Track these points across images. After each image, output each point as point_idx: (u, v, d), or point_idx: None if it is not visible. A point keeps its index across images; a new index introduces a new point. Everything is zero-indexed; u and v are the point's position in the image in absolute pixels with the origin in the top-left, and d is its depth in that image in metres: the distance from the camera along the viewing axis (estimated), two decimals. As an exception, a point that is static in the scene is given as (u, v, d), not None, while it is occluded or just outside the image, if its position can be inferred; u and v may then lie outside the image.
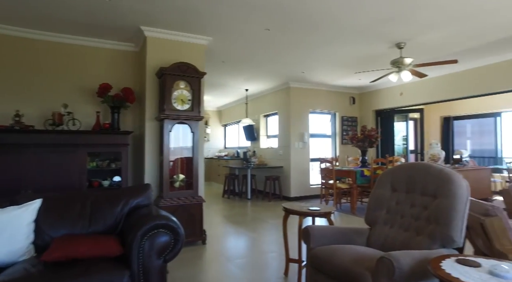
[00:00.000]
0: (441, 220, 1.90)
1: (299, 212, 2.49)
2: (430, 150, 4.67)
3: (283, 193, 7.10)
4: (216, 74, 6.18)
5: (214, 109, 11.30)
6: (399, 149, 7.49)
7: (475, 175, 4.82)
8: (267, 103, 7.98)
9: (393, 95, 6.99)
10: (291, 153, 6.95)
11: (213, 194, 8.22)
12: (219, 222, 5.02)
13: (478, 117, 8.22)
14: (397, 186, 2.32)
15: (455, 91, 5.79)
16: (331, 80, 6.77)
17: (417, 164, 2.26)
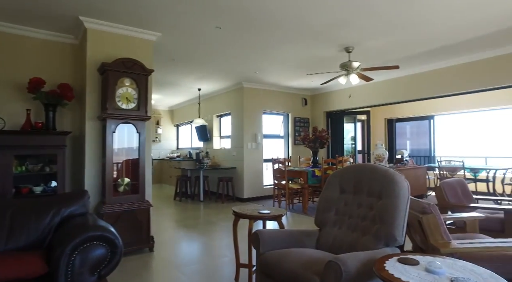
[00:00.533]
0: (385, 220, 1.97)
1: (249, 216, 2.44)
2: (376, 150, 4.92)
3: (237, 194, 7.04)
4: (167, 72, 5.93)
5: (166, 108, 10.89)
6: (348, 149, 7.83)
7: (414, 173, 5.19)
8: (220, 104, 7.87)
9: (342, 97, 7.28)
10: (244, 153, 6.91)
11: (165, 196, 7.90)
12: (169, 227, 4.80)
13: (416, 119, 8.91)
14: (345, 188, 2.37)
15: (397, 95, 6.19)
16: (284, 81, 6.86)
17: (364, 166, 2.33)
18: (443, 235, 2.09)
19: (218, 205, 6.61)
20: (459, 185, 3.69)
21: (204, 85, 7.18)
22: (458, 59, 5.17)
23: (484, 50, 4.77)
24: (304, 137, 6.01)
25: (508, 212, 3.05)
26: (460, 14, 3.49)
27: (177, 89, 7.69)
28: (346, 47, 4.43)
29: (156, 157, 10.49)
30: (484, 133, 7.68)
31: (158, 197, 7.85)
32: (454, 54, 4.97)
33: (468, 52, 4.89)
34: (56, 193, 3.24)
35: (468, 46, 4.57)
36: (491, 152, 7.58)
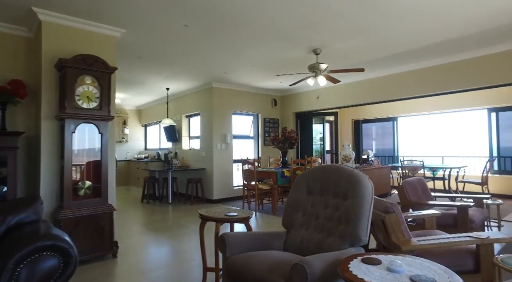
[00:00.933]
0: (350, 220, 2.00)
1: (215, 219, 2.39)
2: (343, 151, 5.04)
3: (206, 195, 6.93)
4: (133, 70, 5.71)
5: (133, 108, 10.51)
6: (317, 149, 7.98)
7: (379, 173, 5.38)
8: (189, 104, 7.72)
9: (311, 98, 7.40)
10: (213, 154, 6.82)
11: (132, 199, 7.62)
12: (135, 231, 4.62)
13: (381, 121, 9.26)
14: (312, 189, 2.39)
15: (363, 97, 6.38)
16: (254, 82, 6.85)
17: (330, 167, 2.35)
18: (404, 233, 2.17)
19: (187, 207, 6.47)
20: (419, 183, 3.86)
21: (172, 84, 7.01)
22: (418, 64, 5.43)
23: (440, 56, 5.05)
24: (274, 138, 6.04)
25: (460, 208, 3.23)
26: (420, 20, 3.65)
27: (145, 89, 7.44)
28: (314, 49, 4.49)
29: (123, 158, 10.10)
30: (442, 134, 8.13)
31: (125, 199, 7.56)
32: (414, 59, 5.21)
33: (427, 58, 5.15)
34: (6, 199, 3.00)
35: (426, 52, 4.81)
36: (448, 152, 8.05)
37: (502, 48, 4.58)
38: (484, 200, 3.70)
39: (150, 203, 6.96)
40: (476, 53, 4.82)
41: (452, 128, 7.96)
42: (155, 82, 6.74)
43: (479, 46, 4.62)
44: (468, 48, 4.70)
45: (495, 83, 4.74)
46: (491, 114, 7.22)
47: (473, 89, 5.08)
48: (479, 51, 4.77)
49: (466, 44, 4.50)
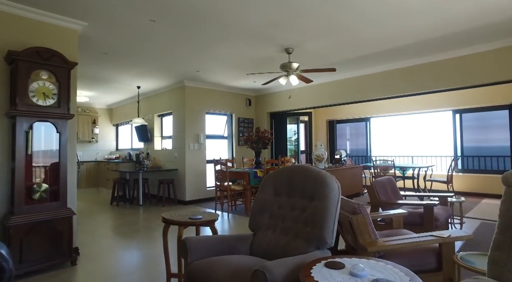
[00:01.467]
0: (315, 222, 1.95)
1: (178, 222, 2.27)
2: (315, 151, 5.05)
3: (178, 196, 6.75)
4: (101, 67, 5.45)
5: (104, 107, 10.11)
6: (292, 149, 7.98)
7: (351, 172, 5.43)
8: (161, 103, 7.50)
9: (285, 98, 7.39)
10: (186, 154, 6.65)
11: (101, 201, 7.29)
12: (101, 235, 4.39)
13: (354, 121, 9.42)
14: (279, 190, 2.32)
15: (336, 97, 6.44)
16: (227, 81, 6.75)
17: (297, 167, 2.30)
18: (371, 234, 2.15)
19: (159, 208, 6.27)
20: (389, 183, 3.91)
21: (143, 83, 6.77)
22: (389, 65, 5.53)
23: (409, 58, 5.16)
24: (247, 138, 5.96)
25: (426, 207, 3.29)
26: (390, 21, 3.69)
27: (115, 87, 7.15)
28: (286, 48, 4.46)
29: (92, 158, 9.70)
30: (411, 135, 8.37)
31: (94, 202, 7.23)
32: (385, 61, 5.30)
33: (397, 60, 5.26)
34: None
35: (396, 53, 4.90)
36: (417, 152, 8.30)
37: (465, 52, 4.74)
38: (448, 198, 3.80)
39: (120, 205, 6.69)
40: (442, 56, 4.97)
41: (420, 129, 8.21)
42: (124, 80, 6.48)
43: (445, 49, 4.76)
44: (435, 51, 4.83)
45: (460, 85, 4.90)
46: (456, 116, 7.51)
47: (439, 91, 5.24)
48: (446, 54, 4.91)
49: (433, 47, 4.62)
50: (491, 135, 7.16)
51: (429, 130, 8.05)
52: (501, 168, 6.98)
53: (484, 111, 7.14)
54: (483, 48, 4.60)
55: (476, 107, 7.16)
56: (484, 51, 4.62)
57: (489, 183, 6.80)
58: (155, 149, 7.75)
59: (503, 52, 4.45)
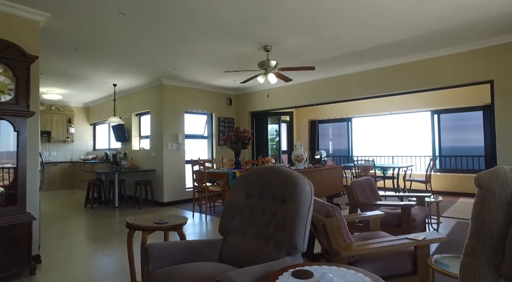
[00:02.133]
0: (286, 227, 1.84)
1: (143, 227, 2.12)
2: (295, 151, 4.96)
3: (156, 198, 6.54)
4: (72, 63, 5.19)
5: (80, 105, 9.75)
6: (273, 149, 7.90)
7: (331, 172, 5.38)
8: (139, 101, 7.26)
9: (266, 98, 7.29)
10: (164, 155, 6.45)
11: (75, 203, 6.98)
12: (70, 241, 4.15)
13: (336, 121, 9.42)
14: (250, 192, 2.20)
15: (317, 97, 6.39)
16: (207, 79, 6.59)
17: (269, 168, 2.19)
18: (345, 237, 2.06)
19: (135, 211, 6.04)
20: (367, 183, 3.86)
21: (119, 80, 6.53)
22: (369, 65, 5.51)
23: (389, 58, 5.16)
24: (226, 138, 5.83)
25: (403, 208, 3.25)
26: (370, 20, 3.64)
27: (90, 84, 6.86)
28: (265, 45, 4.35)
29: (68, 159, 9.32)
30: (391, 135, 8.44)
31: (67, 204, 6.91)
32: (365, 60, 5.28)
33: (377, 59, 5.24)
34: None
35: (377, 53, 4.88)
36: (397, 152, 8.37)
37: (441, 53, 4.77)
38: (426, 198, 3.78)
39: (95, 208, 6.42)
40: (422, 56, 4.98)
41: (400, 129, 8.29)
42: (99, 77, 6.22)
43: (424, 49, 4.77)
44: (415, 51, 4.84)
45: (439, 85, 4.93)
46: (434, 116, 7.60)
47: (417, 91, 5.26)
48: (425, 54, 4.93)
49: (410, 47, 4.62)
50: (467, 135, 7.28)
51: (409, 131, 8.14)
52: (476, 168, 7.11)
53: (461, 112, 7.26)
54: (457, 49, 4.64)
55: (453, 108, 7.27)
56: (457, 53, 4.66)
57: (465, 182, 6.91)
58: (133, 149, 7.50)
59: (475, 54, 4.50)
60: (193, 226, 4.84)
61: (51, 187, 8.50)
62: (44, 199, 7.48)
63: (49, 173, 8.50)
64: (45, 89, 7.19)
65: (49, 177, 8.51)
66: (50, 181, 8.53)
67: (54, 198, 7.76)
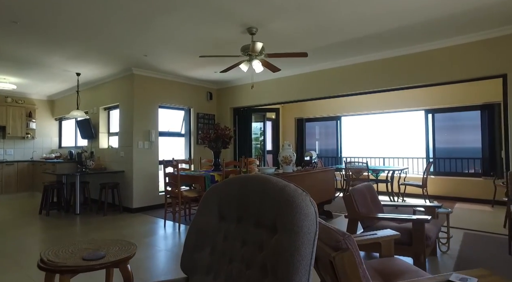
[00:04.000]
0: (278, 272, 1.19)
1: (64, 268, 1.41)
2: (282, 152, 4.33)
3: (124, 203, 5.77)
4: (15, 42, 4.34)
5: (44, 98, 8.77)
6: (257, 149, 7.25)
7: (323, 176, 4.79)
8: (107, 93, 6.45)
9: (250, 92, 6.63)
10: (134, 154, 5.69)
11: (30, 209, 6.10)
12: (4, 264, 3.36)
13: (324, 120, 8.87)
14: (226, 212, 1.54)
15: (306, 92, 5.78)
16: (184, 70, 5.86)
17: (251, 178, 1.52)
18: (362, 279, 1.43)
19: (99, 218, 5.27)
20: (368, 191, 3.27)
21: (83, 69, 5.71)
22: (363, 57, 4.98)
23: (385, 49, 4.62)
24: (205, 136, 5.13)
25: (416, 223, 2.67)
26: (368, 2, 3.05)
27: (48, 72, 5.99)
28: (249, 27, 3.69)
29: (27, 157, 8.34)
30: (383, 135, 7.97)
31: (20, 210, 6.03)
32: (359, 51, 4.72)
33: (371, 50, 4.70)
34: None
35: (372, 42, 4.31)
36: (388, 153, 7.90)
37: (451, 42, 4.26)
38: (437, 209, 3.23)
39: (52, 215, 5.58)
40: (424, 47, 4.47)
41: (393, 129, 7.83)
42: (57, 64, 5.39)
43: (424, 40, 4.25)
44: (416, 41, 4.31)
45: (436, 81, 4.43)
46: (428, 116, 7.16)
47: (412, 86, 4.76)
48: (424, 45, 4.42)
49: (414, 35, 4.08)
50: (463, 136, 6.88)
51: (402, 131, 7.68)
52: (472, 171, 6.71)
53: (456, 111, 6.84)
54: (465, 39, 4.14)
55: (448, 107, 6.84)
56: (465, 43, 4.16)
57: (461, 186, 6.50)
58: (101, 147, 6.68)
59: (486, 45, 4.00)
60: (164, 239, 4.12)
61: (4, 190, 7.53)
62: (-7, 204, 6.56)
63: (2, 174, 7.52)
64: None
65: (2, 178, 7.53)
66: (4, 182, 7.55)
67: (5, 203, 6.83)
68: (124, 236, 4.18)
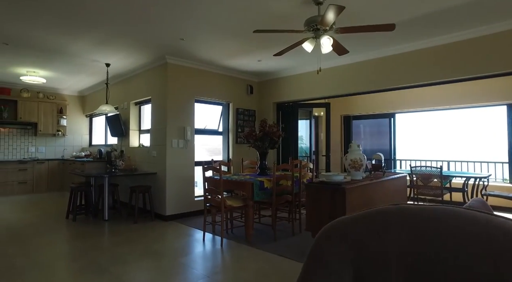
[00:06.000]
0: None
1: None
2: (350, 154, 3.47)
3: (156, 209, 5.13)
4: (35, 25, 3.78)
5: (75, 94, 8.42)
6: (303, 150, 6.41)
7: (396, 184, 3.88)
8: (138, 86, 5.86)
9: (296, 85, 5.79)
10: (167, 154, 5.03)
11: (58, 212, 5.64)
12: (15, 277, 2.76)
13: (374, 117, 7.86)
14: None
15: (356, 84, 4.86)
16: (223, 58, 5.12)
17: (441, 213, 0.70)
18: None
19: (129, 226, 4.67)
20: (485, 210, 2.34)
21: (112, 58, 5.13)
22: (441, 38, 3.97)
23: (482, 24, 3.60)
24: (249, 133, 4.37)
25: None
26: None
27: (76, 63, 5.49)
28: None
29: (58, 156, 8.02)
30: (448, 134, 6.84)
31: (48, 213, 5.58)
32: (437, 29, 3.73)
33: (449, 29, 3.69)
34: None
35: (455, 16, 3.33)
36: (456, 156, 6.76)
37: None
38: None
39: (79, 220, 5.06)
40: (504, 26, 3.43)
41: (462, 127, 6.67)
42: (84, 52, 4.84)
43: None
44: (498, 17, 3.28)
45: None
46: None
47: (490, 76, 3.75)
48: None
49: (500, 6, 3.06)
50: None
51: (475, 130, 6.50)
52: None
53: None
54: None
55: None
56: None
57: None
58: (131, 145, 6.12)
59: None
60: (204, 259, 3.39)
61: (35, 189, 7.20)
62: (20, 205, 6.17)
63: (33, 173, 7.19)
64: (24, 70, 5.85)
65: (34, 177, 7.20)
66: (35, 181, 7.22)
67: (35, 203, 6.45)
68: (157, 253, 3.50)
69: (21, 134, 7.52)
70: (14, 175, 6.96)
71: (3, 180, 6.83)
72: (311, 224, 3.13)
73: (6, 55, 4.97)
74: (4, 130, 7.31)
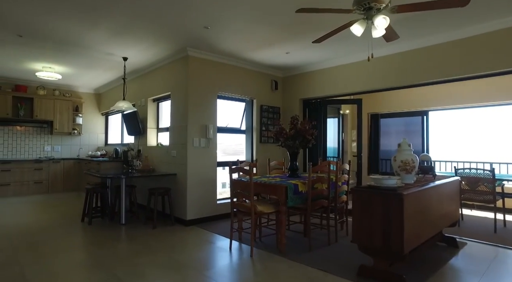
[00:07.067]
0: None
1: None
2: (400, 155, 3.02)
3: (176, 213, 4.78)
4: (48, 14, 3.47)
5: (91, 91, 8.20)
6: (330, 150, 5.95)
7: (449, 190, 3.40)
8: (157, 82, 5.53)
9: (325, 79, 5.34)
10: (188, 153, 4.67)
11: (73, 214, 5.37)
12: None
13: (405, 115, 7.32)
14: None
15: (390, 79, 4.38)
16: (248, 50, 4.73)
17: None
18: None
19: (147, 231, 4.33)
20: None
21: (129, 51, 4.82)
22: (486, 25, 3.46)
23: None
24: (279, 132, 3.96)
25: None
26: None
27: (92, 57, 5.20)
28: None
29: (74, 155, 7.81)
30: (491, 134, 6.25)
31: (63, 214, 5.32)
32: None
33: None
34: None
35: None
36: (500, 157, 6.17)
37: None
38: None
39: (95, 223, 4.76)
40: None
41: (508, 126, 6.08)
42: (99, 45, 4.53)
43: None
44: None
45: None
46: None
47: None
48: None
49: None
50: None
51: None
52: None
53: None
54: None
55: None
56: None
57: None
58: (149, 144, 5.79)
59: None
60: (232, 272, 3.00)
61: (50, 189, 6.98)
62: (36, 206, 5.94)
63: (49, 172, 6.98)
64: (40, 65, 5.61)
65: (49, 177, 6.99)
66: (50, 181, 7.00)
67: (50, 204, 6.20)
68: (179, 264, 3.13)
69: (37, 133, 7.34)
70: (30, 175, 6.77)
71: (19, 179, 6.65)
72: (359, 235, 2.69)
73: (20, 48, 4.71)
74: (20, 129, 7.13)
